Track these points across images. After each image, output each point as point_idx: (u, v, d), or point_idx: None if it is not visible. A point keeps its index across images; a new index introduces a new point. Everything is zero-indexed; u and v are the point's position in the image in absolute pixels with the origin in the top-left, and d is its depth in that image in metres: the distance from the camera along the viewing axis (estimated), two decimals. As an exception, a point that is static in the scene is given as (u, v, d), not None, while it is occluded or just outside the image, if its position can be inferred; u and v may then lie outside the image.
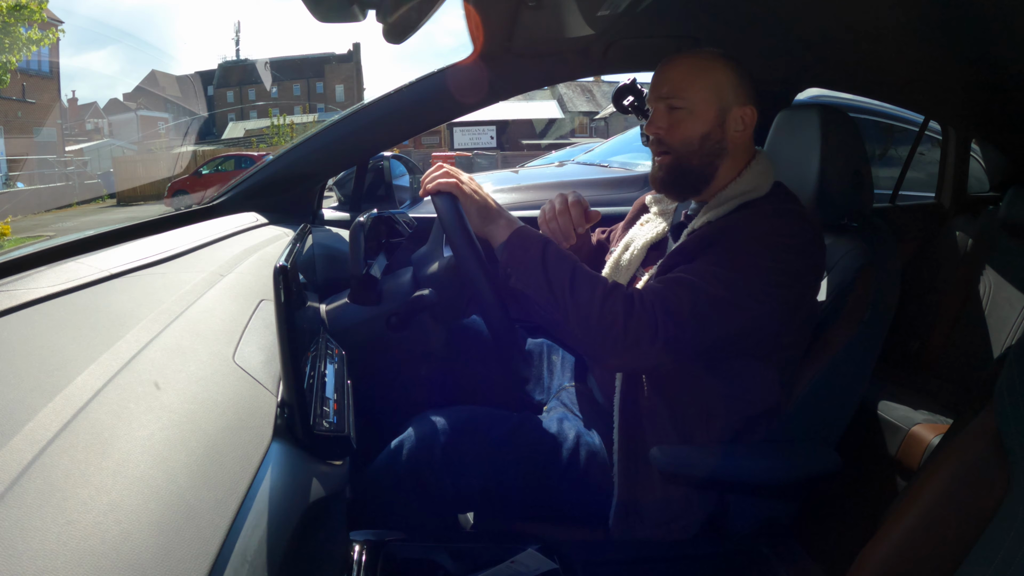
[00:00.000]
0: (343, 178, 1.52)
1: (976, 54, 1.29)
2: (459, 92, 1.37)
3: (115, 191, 12.07)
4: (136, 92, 28.20)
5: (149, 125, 25.03)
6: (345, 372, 0.79)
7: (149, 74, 29.51)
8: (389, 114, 1.37)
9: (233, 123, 28.61)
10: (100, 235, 1.00)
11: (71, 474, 0.36)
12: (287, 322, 0.53)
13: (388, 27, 0.77)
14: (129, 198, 11.43)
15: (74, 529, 0.32)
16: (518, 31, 1.14)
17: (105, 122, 24.78)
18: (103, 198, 11.81)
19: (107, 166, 16.54)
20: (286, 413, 0.55)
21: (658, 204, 1.12)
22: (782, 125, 1.14)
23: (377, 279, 1.05)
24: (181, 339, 0.57)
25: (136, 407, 0.44)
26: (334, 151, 1.39)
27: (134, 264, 0.77)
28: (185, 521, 0.36)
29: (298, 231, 0.94)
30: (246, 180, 1.39)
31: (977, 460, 0.60)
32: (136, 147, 22.07)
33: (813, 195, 1.04)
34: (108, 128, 24.37)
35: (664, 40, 1.33)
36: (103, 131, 23.77)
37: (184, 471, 0.40)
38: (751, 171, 0.94)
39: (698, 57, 0.95)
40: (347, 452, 0.60)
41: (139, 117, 25.63)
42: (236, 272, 0.85)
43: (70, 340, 0.53)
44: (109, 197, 11.98)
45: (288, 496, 0.46)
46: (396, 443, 0.94)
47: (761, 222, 0.87)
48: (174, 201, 9.69)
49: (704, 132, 0.92)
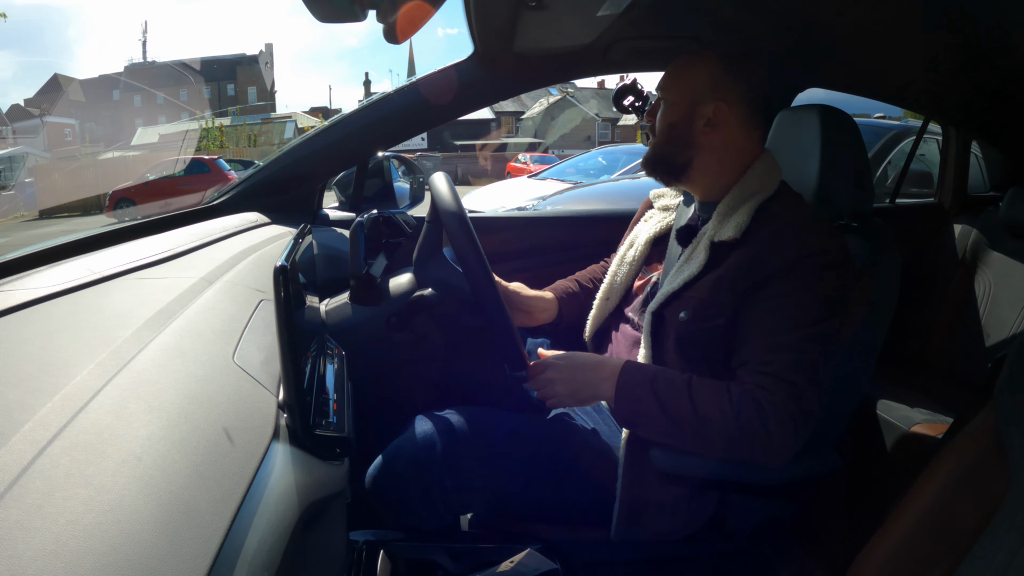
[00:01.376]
0: (343, 178, 1.52)
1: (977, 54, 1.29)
2: (460, 92, 1.38)
3: (39, 205, 9.85)
4: (39, 96, 26.98)
5: (56, 132, 23.90)
6: (345, 372, 0.79)
7: (51, 78, 28.55)
8: (389, 114, 1.37)
9: (143, 129, 26.27)
10: (100, 235, 1.00)
11: (71, 474, 0.36)
12: (287, 322, 0.53)
13: (388, 27, 0.77)
14: (57, 211, 9.56)
15: (74, 529, 0.32)
16: (519, 31, 1.14)
17: (9, 129, 23.47)
18: (20, 213, 9.28)
19: (21, 176, 15.22)
20: (286, 413, 0.55)
21: (660, 200, 1.14)
22: (782, 125, 1.14)
23: (377, 279, 1.05)
24: (181, 339, 0.57)
25: (136, 407, 0.44)
26: (334, 151, 1.39)
27: (134, 264, 0.77)
28: (185, 521, 0.36)
29: (298, 231, 0.94)
30: (246, 180, 1.39)
31: (977, 460, 0.60)
32: (50, 154, 20.55)
33: (813, 195, 1.04)
34: (12, 136, 23.05)
35: (664, 41, 1.34)
36: (8, 139, 22.38)
37: (184, 471, 0.40)
38: (755, 171, 0.94)
39: (690, 54, 0.99)
40: (347, 452, 0.60)
41: (45, 123, 24.28)
42: (236, 272, 0.85)
43: (70, 340, 0.53)
44: (30, 211, 9.46)
45: (288, 496, 0.46)
46: (396, 443, 0.93)
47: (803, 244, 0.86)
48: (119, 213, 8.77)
49: (670, 122, 0.96)
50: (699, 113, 0.94)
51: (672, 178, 1.00)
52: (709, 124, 0.94)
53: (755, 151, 0.96)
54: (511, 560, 0.88)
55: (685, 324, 0.89)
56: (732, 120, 0.94)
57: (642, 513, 0.91)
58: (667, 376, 0.86)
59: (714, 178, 0.96)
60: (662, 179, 1.01)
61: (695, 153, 0.96)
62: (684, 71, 0.97)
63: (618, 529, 0.91)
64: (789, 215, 0.89)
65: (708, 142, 0.95)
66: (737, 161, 0.95)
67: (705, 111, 0.94)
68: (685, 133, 0.96)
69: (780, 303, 0.85)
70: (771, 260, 0.86)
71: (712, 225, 0.93)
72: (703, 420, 0.82)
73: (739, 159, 0.95)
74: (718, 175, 0.96)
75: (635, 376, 0.87)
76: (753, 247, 0.88)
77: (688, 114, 0.95)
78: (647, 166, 1.01)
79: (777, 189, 0.94)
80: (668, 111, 0.97)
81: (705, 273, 0.90)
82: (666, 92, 0.98)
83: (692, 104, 0.95)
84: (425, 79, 1.38)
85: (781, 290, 0.85)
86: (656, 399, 0.84)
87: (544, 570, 0.86)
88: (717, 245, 0.91)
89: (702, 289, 0.90)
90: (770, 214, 0.90)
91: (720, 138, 0.95)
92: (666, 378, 0.86)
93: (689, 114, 0.95)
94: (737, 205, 0.92)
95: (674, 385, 0.85)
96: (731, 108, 0.93)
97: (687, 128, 0.95)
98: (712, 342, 0.89)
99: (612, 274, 1.12)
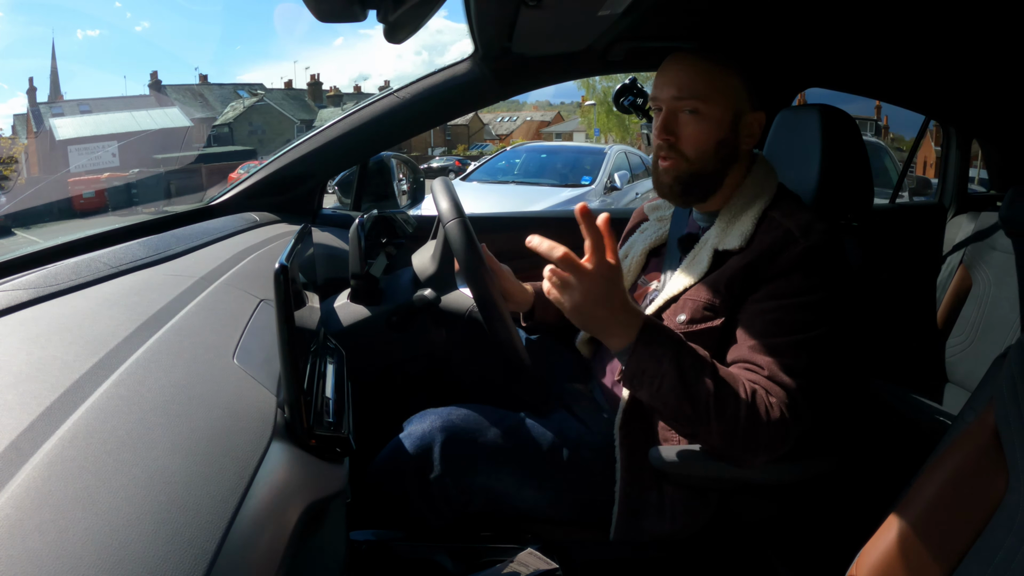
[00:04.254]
0: (343, 178, 1.52)
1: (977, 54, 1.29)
2: (459, 92, 1.38)
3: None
4: None
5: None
6: (345, 372, 0.79)
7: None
8: (389, 114, 1.37)
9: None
10: (99, 235, 1.00)
11: (71, 475, 0.36)
12: (287, 322, 0.53)
13: (388, 27, 0.77)
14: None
15: (74, 530, 0.32)
16: (518, 31, 1.14)
17: None
18: None
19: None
20: (286, 413, 0.55)
21: (656, 212, 1.12)
22: (782, 125, 1.14)
23: (377, 279, 1.05)
24: (181, 339, 0.57)
25: (136, 407, 0.44)
26: (335, 151, 1.39)
27: (134, 264, 0.77)
28: (185, 521, 0.36)
29: (298, 231, 0.94)
30: (246, 180, 1.39)
31: (977, 460, 0.61)
32: None
33: (813, 195, 1.04)
34: None
35: (665, 40, 1.34)
36: None
37: (184, 471, 0.40)
38: (754, 176, 0.94)
39: (709, 61, 0.91)
40: (347, 452, 0.60)
41: None
42: (236, 272, 0.85)
43: (69, 340, 0.52)
44: None
45: (288, 496, 0.46)
46: (396, 442, 0.94)
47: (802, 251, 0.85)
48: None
49: (720, 138, 0.90)
50: (745, 123, 0.92)
51: (700, 200, 0.95)
52: (750, 136, 0.92)
53: (750, 155, 0.96)
54: (511, 560, 0.88)
55: (683, 326, 0.89)
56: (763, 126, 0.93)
57: (641, 513, 0.91)
58: (691, 347, 0.81)
59: (729, 189, 0.95)
60: (686, 199, 0.95)
61: (732, 167, 0.93)
62: (716, 80, 0.90)
63: (618, 529, 0.91)
64: (789, 221, 0.88)
65: (744, 153, 0.93)
66: (741, 167, 0.95)
67: (750, 120, 0.92)
68: (732, 147, 0.92)
69: (776, 307, 0.85)
70: (770, 265, 0.86)
71: (715, 232, 0.92)
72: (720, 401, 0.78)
73: (743, 165, 0.95)
74: (731, 185, 0.95)
75: (659, 336, 0.79)
76: (753, 252, 0.87)
77: (734, 128, 0.91)
78: (673, 193, 0.94)
79: (776, 193, 0.94)
80: (710, 127, 0.89)
81: (704, 279, 0.90)
82: (704, 104, 0.89)
83: (736, 117, 0.91)
84: (425, 79, 1.38)
85: (778, 294, 0.85)
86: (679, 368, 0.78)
87: (544, 570, 0.86)
88: (721, 253, 0.90)
89: (700, 291, 0.89)
90: (772, 220, 0.90)
91: (751, 146, 0.94)
92: (691, 349, 0.81)
93: (734, 126, 0.91)
94: (739, 212, 0.92)
95: (698, 359, 0.80)
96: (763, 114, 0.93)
97: (734, 142, 0.92)
98: (709, 344, 0.88)
99: None
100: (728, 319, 0.88)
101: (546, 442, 0.95)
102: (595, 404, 1.06)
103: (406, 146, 21.81)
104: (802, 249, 0.85)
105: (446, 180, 0.98)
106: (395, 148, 1.62)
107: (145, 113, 22.37)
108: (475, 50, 1.30)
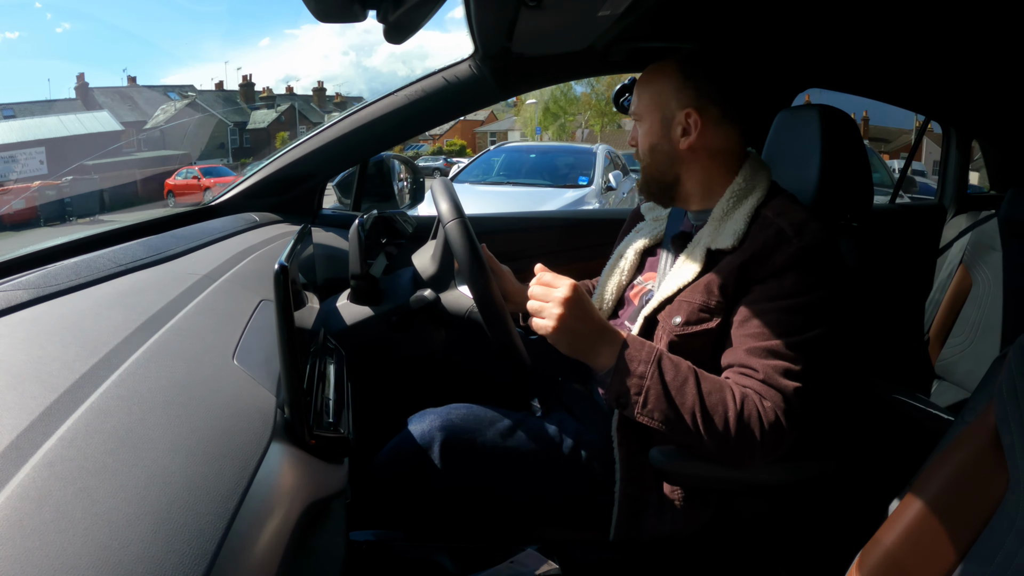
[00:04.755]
0: (343, 178, 1.52)
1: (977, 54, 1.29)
2: (459, 92, 1.38)
3: None
4: None
5: None
6: (345, 372, 0.79)
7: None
8: (390, 114, 1.37)
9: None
10: (99, 235, 1.00)
11: (71, 475, 0.36)
12: (287, 322, 0.53)
13: (389, 27, 0.77)
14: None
15: (73, 530, 0.32)
16: (518, 31, 1.14)
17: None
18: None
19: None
20: (286, 413, 0.55)
21: (652, 211, 1.13)
22: (782, 125, 1.14)
23: (377, 279, 1.05)
24: (181, 339, 0.57)
25: (135, 407, 0.44)
26: (334, 151, 1.39)
27: (134, 264, 0.77)
28: (185, 521, 0.36)
29: (298, 231, 0.94)
30: (246, 180, 1.39)
31: (977, 460, 0.61)
32: None
33: (813, 195, 1.04)
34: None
35: (665, 41, 1.34)
36: None
37: (184, 471, 0.40)
38: (744, 173, 0.93)
39: (651, 68, 0.96)
40: (347, 452, 0.60)
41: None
42: (236, 272, 0.85)
43: (68, 340, 0.52)
44: None
45: (288, 496, 0.46)
46: (396, 441, 0.94)
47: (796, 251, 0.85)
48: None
49: (651, 143, 0.95)
50: (674, 125, 0.93)
51: (667, 198, 0.99)
52: (685, 134, 0.93)
53: (739, 151, 0.95)
54: (511, 560, 0.88)
55: (679, 328, 0.88)
56: (708, 122, 0.92)
57: (641, 513, 0.91)
58: (672, 361, 0.83)
59: (704, 186, 0.95)
60: (659, 200, 1.01)
61: (681, 167, 0.95)
62: (647, 88, 0.95)
63: (617, 529, 0.91)
64: (783, 219, 0.87)
65: (689, 152, 0.93)
66: (723, 164, 0.94)
67: (677, 121, 0.92)
68: (667, 150, 0.94)
69: (770, 308, 0.84)
70: (764, 266, 0.85)
71: (708, 232, 0.92)
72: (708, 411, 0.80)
73: (724, 162, 0.94)
74: (708, 182, 0.95)
75: (639, 353, 0.83)
76: (747, 252, 0.87)
77: (664, 130, 0.94)
78: (643, 191, 1.02)
79: (768, 190, 0.93)
80: (646, 133, 0.96)
81: (698, 279, 0.90)
82: (638, 115, 0.96)
83: (664, 119, 0.93)
84: (425, 79, 1.38)
85: (772, 295, 0.85)
86: (661, 382, 0.81)
87: (544, 570, 0.87)
88: (714, 252, 0.90)
89: (695, 292, 0.89)
90: (764, 219, 0.89)
91: (701, 144, 0.93)
92: (672, 362, 0.83)
93: (664, 130, 0.94)
94: (731, 210, 0.91)
95: (680, 371, 0.82)
96: (702, 111, 0.91)
97: (667, 144, 0.94)
98: (704, 345, 0.88)
99: (603, 285, 1.10)
100: (723, 320, 0.88)
101: (546, 442, 0.95)
102: (595, 404, 1.06)
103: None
104: (796, 249, 0.84)
105: (446, 180, 0.98)
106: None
107: (74, 117, 21.29)
108: (475, 50, 1.30)
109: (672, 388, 0.81)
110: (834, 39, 1.38)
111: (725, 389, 0.82)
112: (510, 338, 0.90)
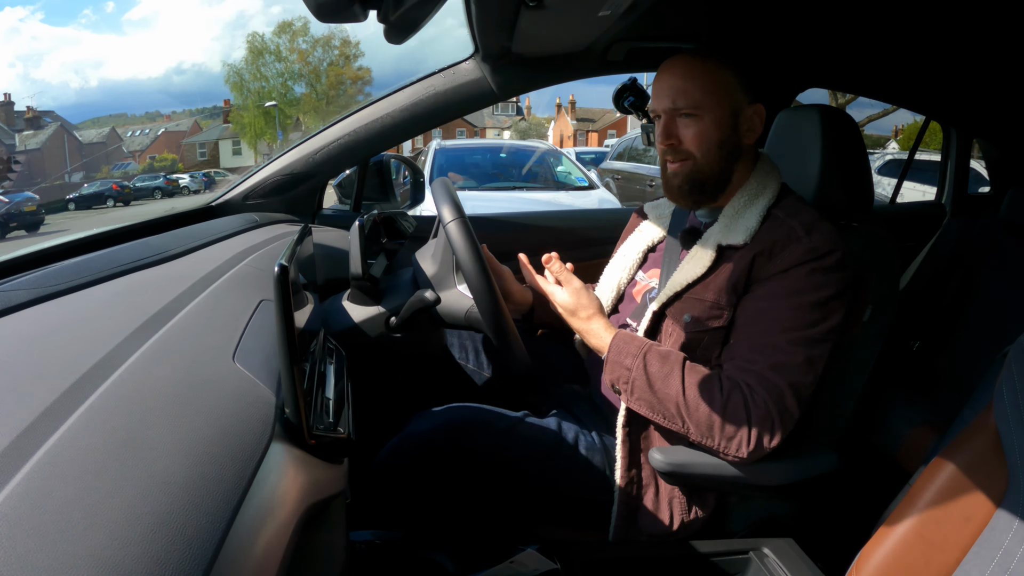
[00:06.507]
0: (343, 179, 1.52)
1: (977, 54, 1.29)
2: (459, 93, 1.38)
3: None
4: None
5: None
6: (345, 372, 0.79)
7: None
8: (390, 114, 1.37)
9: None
10: (99, 235, 1.00)
11: (71, 475, 0.36)
12: (287, 322, 0.53)
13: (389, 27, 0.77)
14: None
15: (72, 530, 0.32)
16: (519, 31, 1.14)
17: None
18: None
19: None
20: (286, 413, 0.55)
21: (656, 210, 1.13)
22: (782, 125, 1.14)
23: (377, 279, 1.05)
24: (180, 339, 0.57)
25: (135, 407, 0.44)
26: (335, 151, 1.39)
27: (134, 264, 0.77)
28: (185, 521, 0.36)
29: (298, 231, 0.94)
30: (246, 181, 1.39)
31: (977, 460, 0.61)
32: None
33: (813, 195, 1.04)
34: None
35: (665, 41, 1.34)
36: None
37: (183, 471, 0.40)
38: (758, 172, 0.94)
39: (701, 60, 0.91)
40: (347, 452, 0.60)
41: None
42: (236, 272, 0.85)
43: (68, 341, 0.52)
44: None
45: (288, 496, 0.46)
46: (396, 441, 0.94)
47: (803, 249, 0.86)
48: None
49: (721, 138, 0.90)
50: (744, 118, 0.91)
51: (709, 197, 0.94)
52: (751, 130, 0.92)
53: (754, 151, 0.96)
54: (511, 560, 0.88)
55: (690, 326, 0.89)
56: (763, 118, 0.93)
57: (640, 513, 0.91)
58: (661, 354, 0.87)
59: (736, 185, 0.95)
60: (697, 199, 0.95)
61: (738, 164, 0.93)
62: (703, 81, 0.89)
63: (617, 529, 0.91)
64: (793, 219, 0.89)
65: (748, 148, 0.93)
66: (747, 162, 0.95)
67: (746, 117, 0.91)
68: (735, 146, 0.92)
69: (773, 305, 0.85)
70: (771, 263, 0.86)
71: (719, 228, 0.92)
72: (690, 401, 0.83)
73: (747, 160, 0.95)
74: (739, 181, 0.95)
75: (628, 346, 0.88)
76: (757, 248, 0.88)
77: (733, 125, 0.91)
78: (683, 193, 0.94)
79: (780, 191, 0.94)
80: (711, 127, 0.90)
81: (708, 275, 0.90)
82: (699, 108, 0.89)
83: (734, 114, 0.91)
84: (425, 79, 1.38)
85: (775, 292, 0.85)
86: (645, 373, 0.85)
87: (544, 570, 0.87)
88: (724, 248, 0.91)
89: (706, 291, 0.89)
90: (775, 218, 0.90)
91: (754, 140, 0.93)
92: (659, 355, 0.86)
93: (734, 125, 0.91)
94: (744, 208, 0.92)
95: (667, 362, 0.86)
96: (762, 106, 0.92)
97: (736, 138, 0.92)
98: (713, 343, 0.89)
99: (606, 283, 1.10)
100: (732, 316, 0.88)
101: (546, 442, 0.95)
102: (594, 405, 1.06)
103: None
104: (805, 248, 0.85)
105: (446, 180, 0.98)
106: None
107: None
108: (475, 50, 1.30)
109: (656, 379, 0.84)
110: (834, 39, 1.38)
111: (712, 381, 0.83)
112: (510, 338, 0.90)
